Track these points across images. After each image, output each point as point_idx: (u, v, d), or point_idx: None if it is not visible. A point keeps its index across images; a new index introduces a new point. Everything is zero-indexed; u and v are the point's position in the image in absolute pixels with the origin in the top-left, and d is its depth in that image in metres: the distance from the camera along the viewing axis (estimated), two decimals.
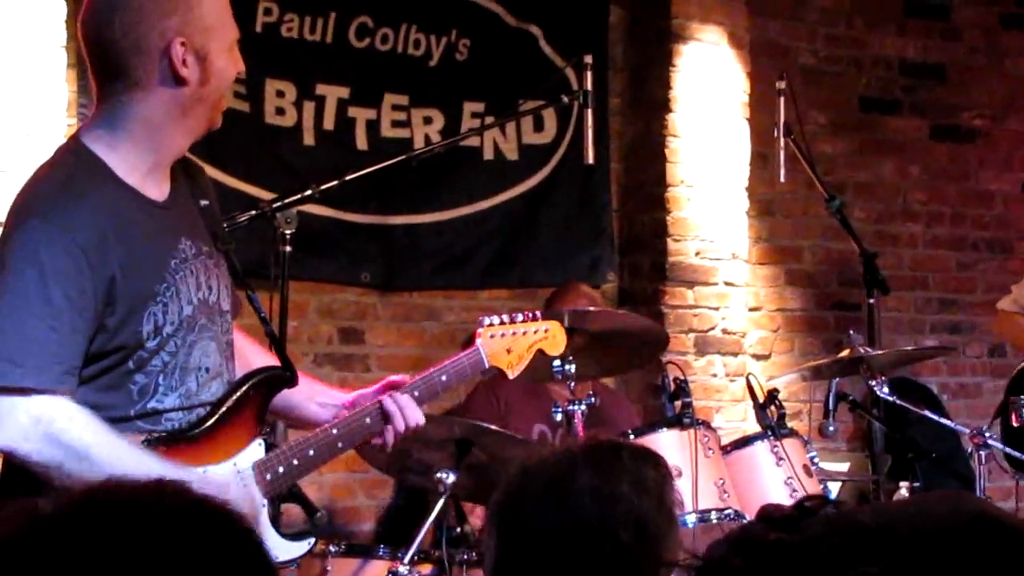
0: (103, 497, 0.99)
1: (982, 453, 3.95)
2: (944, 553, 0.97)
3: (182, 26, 2.31)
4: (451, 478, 3.34)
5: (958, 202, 6.08)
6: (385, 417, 2.59)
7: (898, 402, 4.20)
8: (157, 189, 2.37)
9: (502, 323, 2.87)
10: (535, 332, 2.90)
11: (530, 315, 2.93)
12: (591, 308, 4.19)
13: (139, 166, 2.34)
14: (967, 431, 4.05)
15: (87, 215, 2.26)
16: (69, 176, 2.31)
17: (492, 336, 2.83)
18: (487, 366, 2.82)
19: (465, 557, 3.44)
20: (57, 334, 2.20)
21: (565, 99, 4.32)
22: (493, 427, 3.67)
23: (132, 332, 2.28)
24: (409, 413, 2.59)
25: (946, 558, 0.96)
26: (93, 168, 2.30)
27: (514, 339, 2.87)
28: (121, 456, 2.21)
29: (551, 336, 2.93)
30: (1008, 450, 4.37)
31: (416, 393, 2.66)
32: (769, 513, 1.02)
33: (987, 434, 4.00)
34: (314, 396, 2.67)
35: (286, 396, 2.59)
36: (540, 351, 2.93)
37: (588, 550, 1.71)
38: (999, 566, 0.97)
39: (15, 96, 3.94)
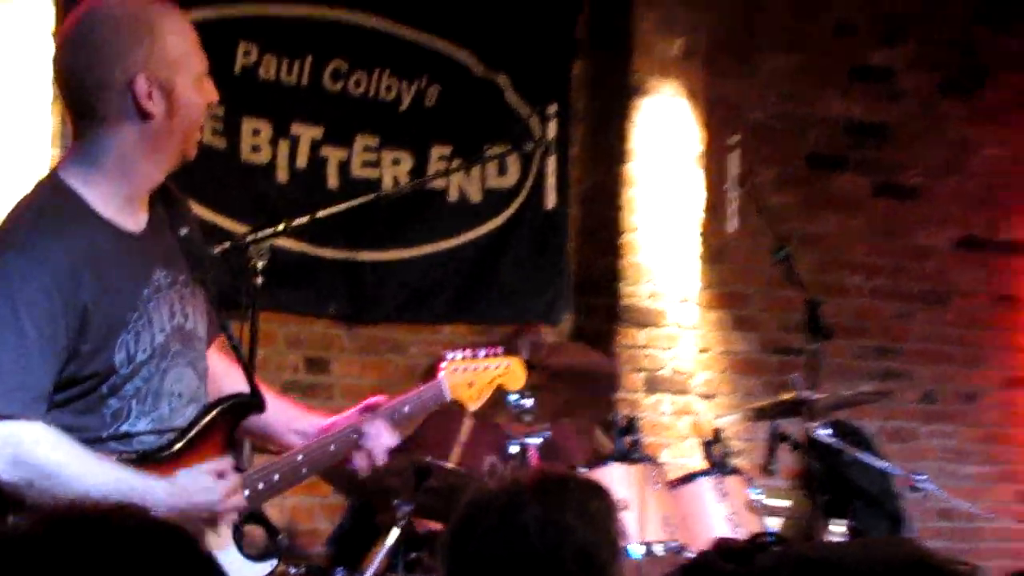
0: (70, 517, 1.00)
1: (914, 495, 4.13)
2: None
3: (145, 61, 2.31)
4: (407, 508, 3.39)
5: (897, 256, 6.12)
6: (355, 443, 2.58)
7: (836, 444, 4.25)
8: (133, 220, 2.38)
9: (464, 358, 2.90)
10: (496, 367, 2.92)
11: (492, 351, 2.95)
12: (549, 341, 4.16)
13: (113, 199, 2.34)
14: (901, 473, 4.21)
15: (60, 248, 2.27)
16: (44, 210, 2.32)
17: (455, 370, 2.86)
18: (449, 399, 2.84)
19: None
20: (27, 362, 2.22)
21: (528, 146, 4.58)
22: (448, 465, 3.74)
23: (105, 359, 2.30)
24: (385, 439, 2.59)
25: None
26: (68, 202, 2.31)
27: (476, 374, 2.89)
28: (90, 469, 2.22)
29: (511, 371, 2.95)
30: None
31: (383, 419, 2.67)
32: (724, 545, 1.08)
33: (917, 476, 4.14)
34: (291, 423, 2.67)
35: (266, 423, 2.60)
36: (500, 387, 2.95)
37: (534, 572, 1.71)
38: None
39: (1, 127, 4.05)
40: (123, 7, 2.38)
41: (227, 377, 2.62)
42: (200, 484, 2.38)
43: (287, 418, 2.66)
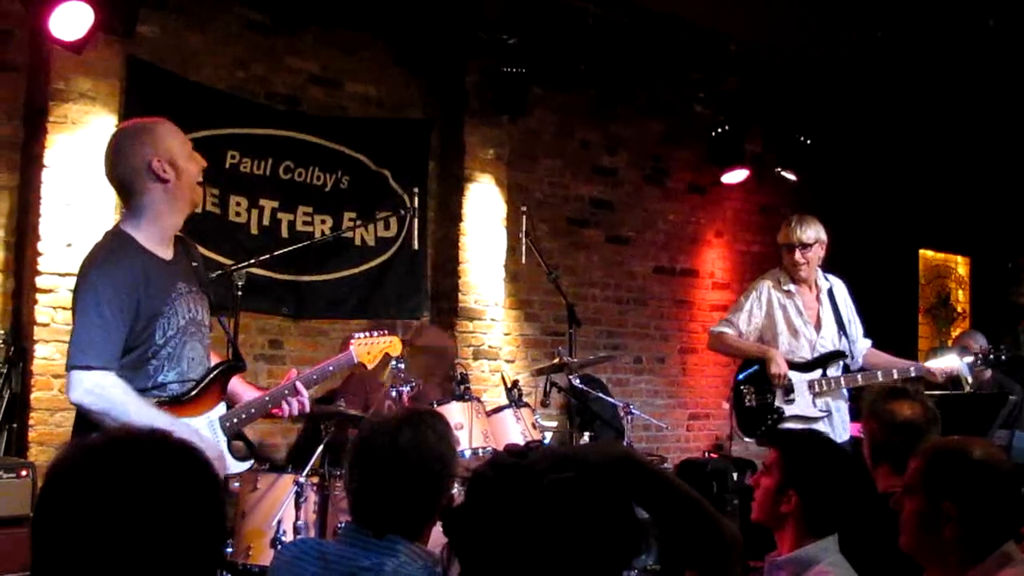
0: (126, 437, 1.10)
1: (629, 417, 4.68)
2: (606, 471, 1.14)
3: (153, 150, 2.48)
4: (331, 429, 3.80)
5: (618, 278, 6.85)
6: (291, 398, 2.79)
7: (584, 388, 4.87)
8: (166, 252, 2.58)
9: (366, 336, 3.14)
10: (384, 342, 3.16)
11: (383, 332, 3.21)
12: (424, 325, 4.41)
13: (152, 238, 2.54)
14: (621, 404, 4.73)
15: (123, 266, 2.45)
16: (111, 246, 2.52)
17: (359, 344, 3.11)
18: (356, 361, 3.09)
19: (338, 473, 3.78)
20: (107, 335, 2.39)
21: (403, 212, 5.21)
22: (352, 412, 3.97)
23: (149, 334, 2.48)
24: (303, 400, 2.80)
25: (607, 473, 1.14)
26: (126, 241, 2.53)
27: (372, 346, 3.11)
28: (141, 408, 2.39)
29: (393, 345, 3.18)
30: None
31: (315, 377, 2.84)
32: (510, 447, 1.18)
33: (631, 406, 4.66)
34: (246, 390, 2.86)
35: (232, 387, 2.73)
36: (387, 353, 3.18)
37: (409, 473, 1.84)
38: (630, 481, 1.17)
39: (86, 202, 4.47)
40: (134, 127, 2.55)
41: (216, 357, 2.77)
42: (200, 435, 2.50)
43: (241, 388, 2.85)
